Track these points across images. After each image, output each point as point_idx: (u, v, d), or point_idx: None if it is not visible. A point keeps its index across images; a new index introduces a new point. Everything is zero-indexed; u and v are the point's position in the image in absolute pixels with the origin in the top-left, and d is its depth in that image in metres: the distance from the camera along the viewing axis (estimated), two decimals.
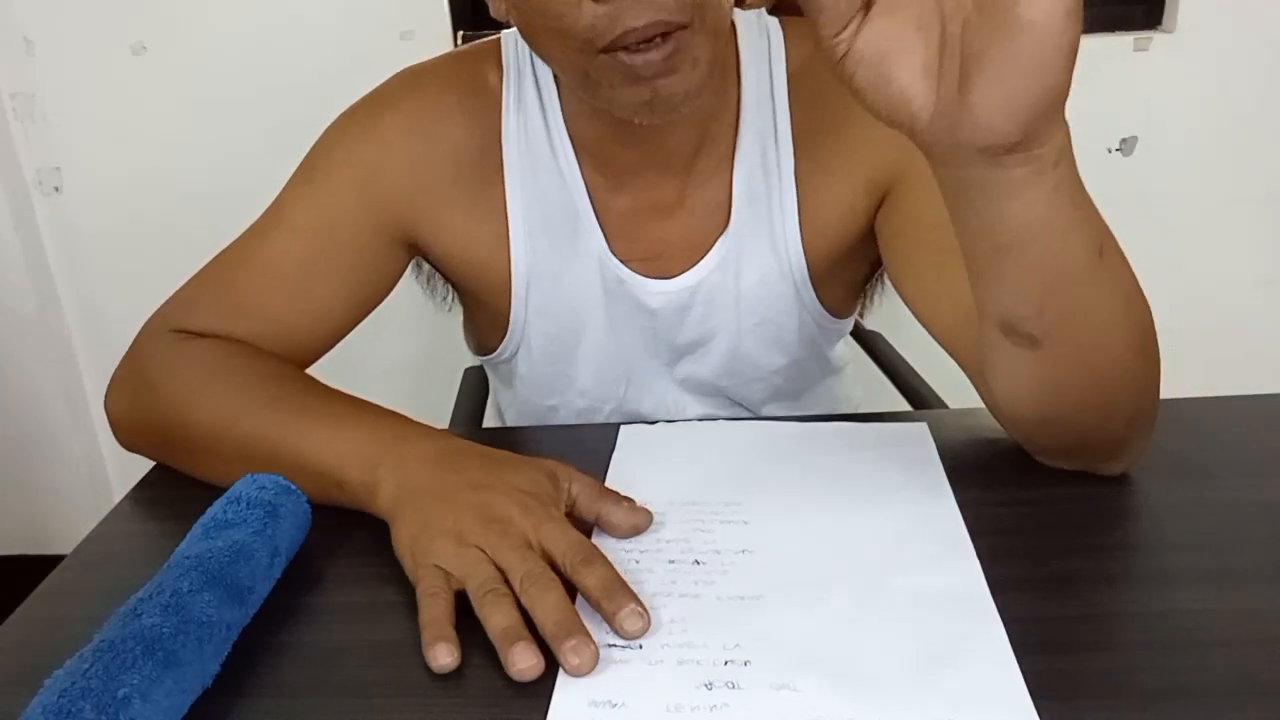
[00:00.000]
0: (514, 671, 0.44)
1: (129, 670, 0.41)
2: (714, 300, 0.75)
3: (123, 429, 0.68)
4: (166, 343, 0.68)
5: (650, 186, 0.73)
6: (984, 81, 0.40)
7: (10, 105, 1.63)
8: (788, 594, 0.49)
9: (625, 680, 0.44)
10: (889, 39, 0.42)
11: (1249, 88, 1.56)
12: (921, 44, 0.42)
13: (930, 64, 0.42)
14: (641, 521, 0.55)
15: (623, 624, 0.46)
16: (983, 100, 0.41)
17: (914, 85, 0.42)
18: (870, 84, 0.43)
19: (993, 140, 0.42)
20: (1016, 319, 0.51)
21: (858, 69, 0.42)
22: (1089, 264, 0.49)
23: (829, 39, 0.42)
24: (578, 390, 0.80)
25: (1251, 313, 1.70)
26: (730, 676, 0.44)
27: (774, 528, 0.55)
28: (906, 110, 0.43)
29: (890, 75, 0.42)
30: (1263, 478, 0.58)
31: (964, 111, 0.41)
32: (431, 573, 0.49)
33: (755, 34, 0.73)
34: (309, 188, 0.72)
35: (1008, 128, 0.41)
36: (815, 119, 0.72)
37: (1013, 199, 0.45)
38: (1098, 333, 0.51)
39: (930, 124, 0.43)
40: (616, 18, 0.56)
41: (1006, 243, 0.47)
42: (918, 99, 0.42)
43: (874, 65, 0.42)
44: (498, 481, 0.53)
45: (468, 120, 0.72)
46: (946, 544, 0.52)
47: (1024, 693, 0.42)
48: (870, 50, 0.42)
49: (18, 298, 1.69)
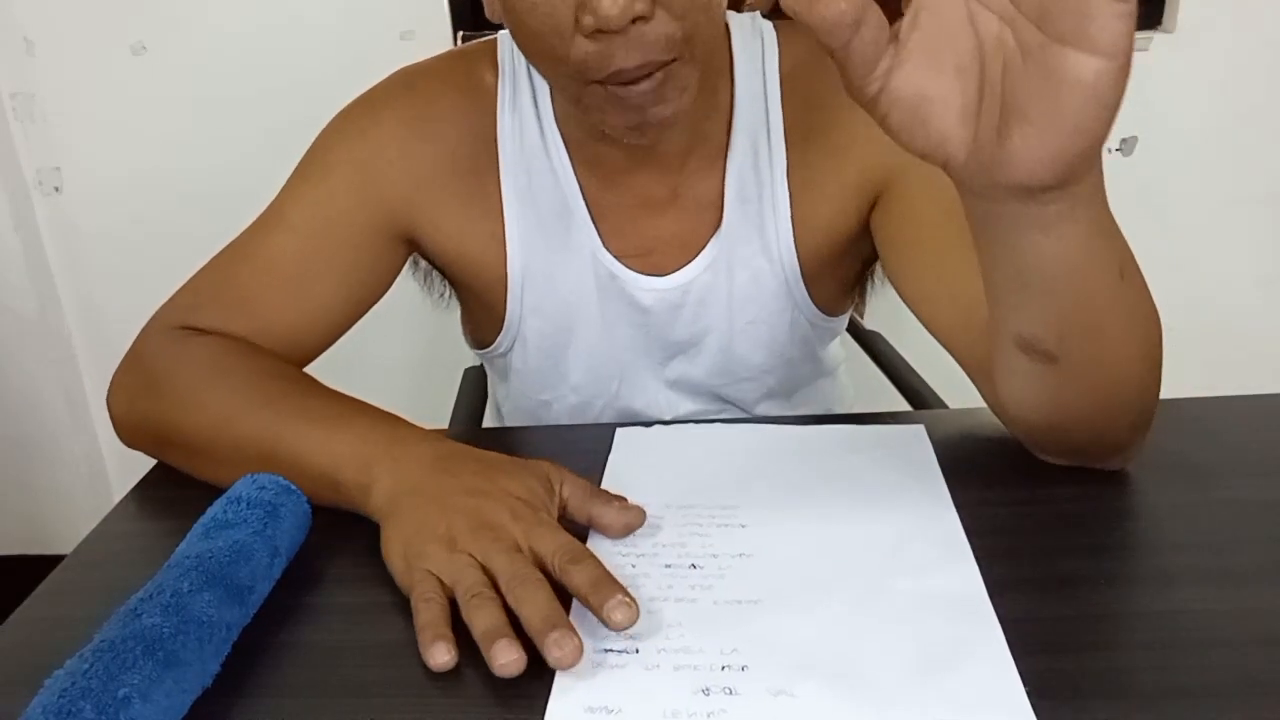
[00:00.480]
0: (496, 667, 0.44)
1: (129, 670, 0.41)
2: (706, 299, 0.76)
3: (124, 427, 0.68)
4: (167, 340, 0.69)
5: (642, 184, 0.73)
6: (1025, 130, 0.39)
7: (10, 105, 1.63)
8: (785, 598, 0.49)
9: (622, 685, 0.44)
10: (926, 82, 0.40)
11: (1249, 88, 1.56)
12: (960, 88, 0.40)
13: (969, 108, 0.40)
14: (634, 520, 0.55)
15: (611, 614, 0.46)
16: (1022, 147, 0.40)
17: (951, 129, 0.41)
18: (906, 126, 0.41)
19: (1029, 183, 0.41)
20: (1035, 339, 0.51)
21: (892, 110, 0.41)
22: (1111, 288, 0.49)
23: (859, 80, 0.40)
24: (570, 386, 0.81)
25: (1251, 313, 1.70)
26: (727, 682, 0.44)
27: (771, 531, 0.55)
28: (942, 151, 0.42)
29: (928, 119, 0.41)
30: (1263, 478, 0.58)
31: (1002, 155, 0.40)
32: (425, 577, 0.49)
33: (749, 35, 0.73)
34: (307, 186, 0.72)
35: (1045, 174, 0.41)
36: (807, 119, 0.72)
37: (1044, 233, 0.45)
38: (1114, 348, 0.51)
39: (965, 163, 0.42)
40: (609, 56, 0.57)
41: (1034, 274, 0.47)
42: (954, 141, 0.41)
43: (910, 109, 0.41)
44: (491, 487, 0.53)
45: (463, 119, 0.73)
46: (944, 546, 0.52)
47: (1022, 696, 0.42)
48: (907, 93, 0.40)
49: (18, 298, 1.69)
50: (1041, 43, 0.38)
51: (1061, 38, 0.37)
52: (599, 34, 0.56)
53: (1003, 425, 0.62)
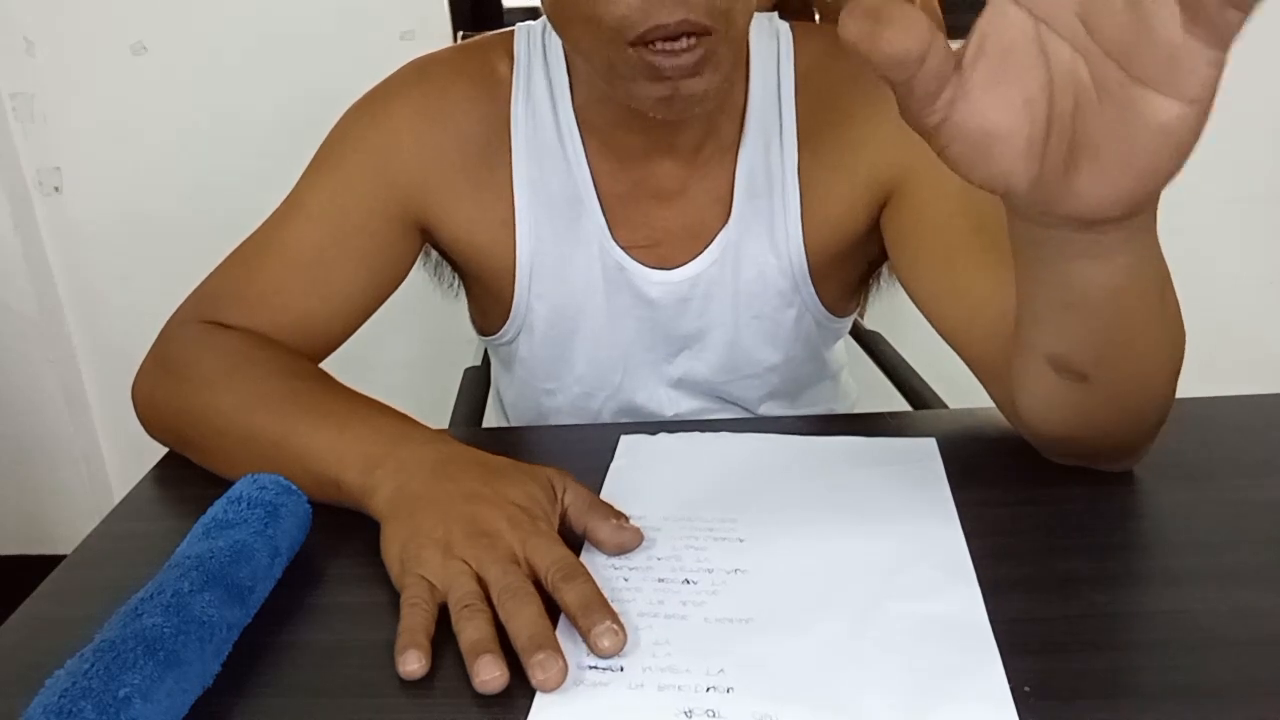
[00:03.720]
0: (478, 683, 0.44)
1: (130, 670, 0.41)
2: (712, 293, 0.76)
3: (144, 413, 0.69)
4: (191, 333, 0.70)
5: (654, 174, 0.73)
6: (1095, 169, 0.37)
7: (10, 105, 1.63)
8: (778, 618, 0.48)
9: (604, 704, 0.43)
10: (992, 115, 0.37)
11: (1250, 88, 1.56)
12: (1027, 122, 0.37)
13: (1035, 142, 0.38)
14: (628, 541, 0.54)
15: (597, 640, 0.45)
16: (1089, 185, 0.38)
17: (1016, 164, 0.38)
18: (967, 159, 0.38)
19: (1091, 217, 0.40)
20: (1069, 360, 0.50)
21: (953, 143, 0.38)
22: (1153, 310, 0.48)
23: (920, 111, 0.37)
24: (575, 376, 0.81)
25: (1251, 313, 1.70)
26: (711, 704, 0.42)
27: (769, 547, 0.53)
28: (1004, 183, 0.39)
29: (990, 154, 0.38)
30: (1263, 478, 0.58)
31: (1066, 190, 0.38)
32: (417, 582, 0.49)
33: (766, 33, 0.74)
34: (323, 175, 0.74)
35: (1110, 210, 0.39)
36: (821, 117, 0.73)
37: (1095, 261, 0.44)
38: (1147, 367, 0.51)
39: (1027, 195, 0.39)
40: (650, 12, 0.57)
41: (1079, 300, 0.46)
42: (1017, 175, 0.39)
43: (974, 143, 0.38)
44: (492, 493, 0.53)
45: (476, 108, 0.74)
46: (946, 570, 0.51)
47: None
48: (971, 126, 0.37)
49: (18, 298, 1.69)
50: (1121, 81, 0.35)
51: (1144, 79, 0.35)
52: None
53: (1006, 426, 0.62)
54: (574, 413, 0.83)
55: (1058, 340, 0.50)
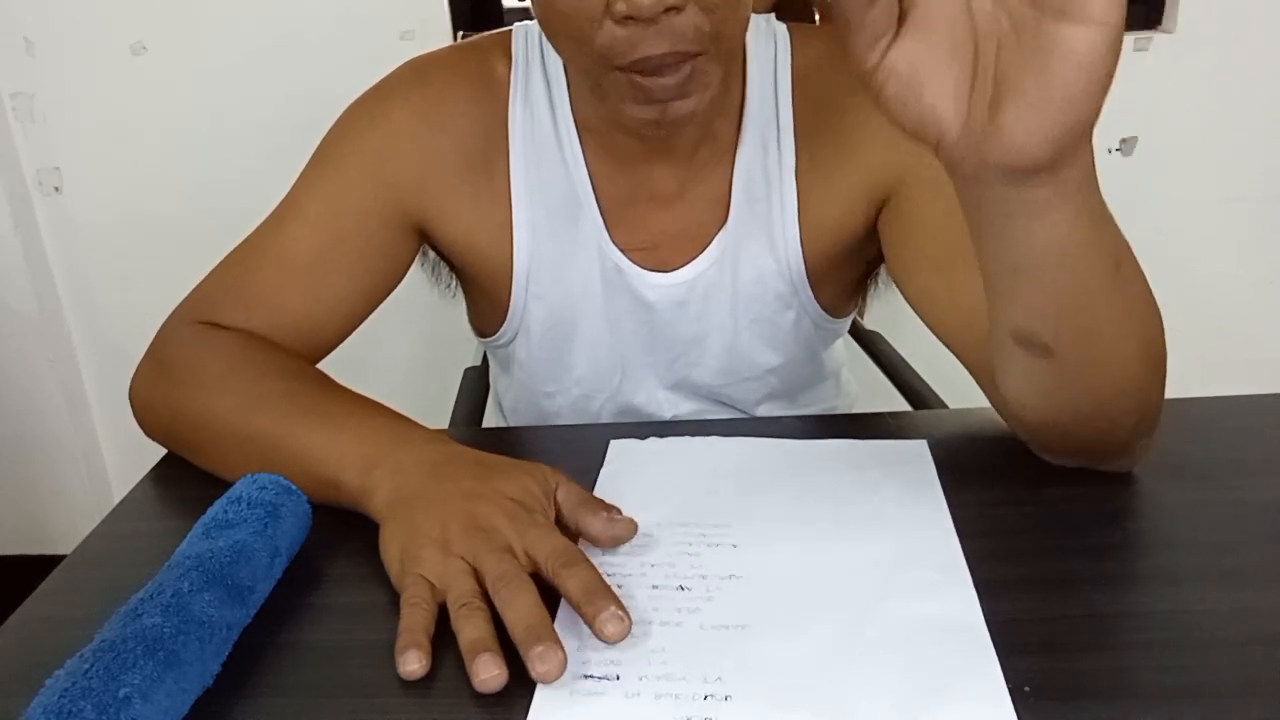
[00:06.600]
0: (477, 683, 0.44)
1: (130, 670, 0.41)
2: (710, 296, 0.76)
3: (141, 414, 0.69)
4: (188, 334, 0.70)
5: (651, 176, 0.73)
6: (1016, 106, 0.40)
7: (10, 105, 1.63)
8: (774, 623, 0.47)
9: (600, 714, 0.42)
10: (922, 57, 0.41)
11: (1249, 88, 1.56)
12: (955, 63, 0.41)
13: (962, 83, 0.41)
14: (622, 532, 0.53)
15: (603, 627, 0.46)
16: (1013, 124, 0.40)
17: (944, 104, 0.42)
18: (899, 99, 0.42)
19: (1020, 162, 0.42)
20: (1031, 332, 0.51)
21: (887, 83, 0.42)
22: (1106, 280, 0.49)
23: (863, 50, 0.41)
24: (574, 379, 0.81)
25: (1251, 313, 1.70)
26: (709, 712, 0.42)
27: (763, 552, 0.53)
28: (935, 127, 0.42)
29: (921, 93, 0.41)
30: (1263, 478, 0.58)
31: (993, 132, 0.41)
32: (417, 582, 0.49)
33: (763, 35, 0.74)
34: (320, 177, 0.73)
35: (1036, 152, 0.41)
36: (818, 120, 0.73)
37: (1034, 220, 0.45)
38: (1111, 344, 0.51)
39: (957, 141, 0.42)
40: (636, 43, 0.58)
41: (1026, 262, 0.47)
42: (946, 117, 0.42)
43: (905, 82, 0.41)
44: (489, 490, 0.53)
45: (474, 109, 0.74)
46: (941, 571, 0.50)
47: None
48: (902, 66, 0.41)
49: (18, 297, 1.69)
50: (1035, 18, 0.39)
51: (1054, 11, 0.38)
52: (629, 20, 0.57)
53: (1004, 425, 0.62)
54: (574, 415, 0.83)
55: (1016, 311, 0.51)
